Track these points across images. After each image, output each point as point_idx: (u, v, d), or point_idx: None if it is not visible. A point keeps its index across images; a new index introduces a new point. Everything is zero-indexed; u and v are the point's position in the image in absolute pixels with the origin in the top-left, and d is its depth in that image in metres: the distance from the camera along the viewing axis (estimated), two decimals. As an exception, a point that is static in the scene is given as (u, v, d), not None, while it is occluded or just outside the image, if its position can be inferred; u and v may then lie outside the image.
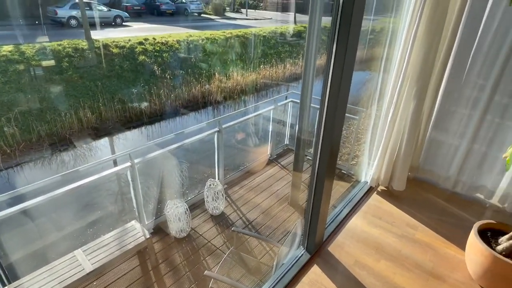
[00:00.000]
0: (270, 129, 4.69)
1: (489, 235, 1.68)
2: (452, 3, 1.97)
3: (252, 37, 12.28)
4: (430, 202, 2.40)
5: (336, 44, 1.23)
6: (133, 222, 2.71)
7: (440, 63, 2.18)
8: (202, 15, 18.58)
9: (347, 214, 2.19)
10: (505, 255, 1.54)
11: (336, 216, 2.16)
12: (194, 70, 9.92)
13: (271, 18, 19.09)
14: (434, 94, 2.31)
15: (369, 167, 2.49)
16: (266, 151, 4.74)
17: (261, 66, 10.94)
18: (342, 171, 4.36)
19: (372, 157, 2.45)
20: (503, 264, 1.50)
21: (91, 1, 11.89)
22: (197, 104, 9.10)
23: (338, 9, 1.18)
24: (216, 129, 3.65)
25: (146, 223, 2.99)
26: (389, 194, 2.43)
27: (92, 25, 10.75)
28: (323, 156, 1.50)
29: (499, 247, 1.57)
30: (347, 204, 2.28)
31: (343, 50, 1.22)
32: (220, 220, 3.35)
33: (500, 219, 1.74)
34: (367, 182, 2.49)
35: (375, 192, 2.46)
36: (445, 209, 2.34)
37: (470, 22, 2.07)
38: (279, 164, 4.56)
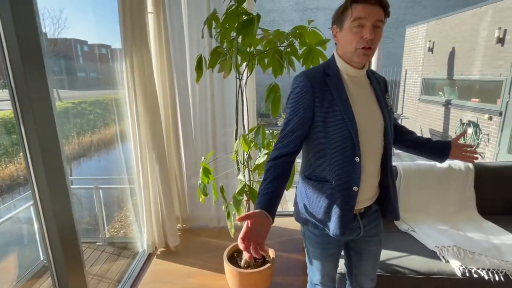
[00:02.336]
0: (37, 230, 3.84)
1: (235, 256, 2.09)
2: (161, 81, 2.45)
3: (2, 121, 9.94)
4: (204, 245, 2.70)
5: (23, 124, 1.20)
6: None
7: (172, 129, 2.62)
8: None
9: (126, 295, 2.08)
10: (246, 268, 1.95)
11: (114, 303, 1.99)
12: None
13: (28, 97, 16.36)
14: (177, 152, 2.73)
15: (142, 234, 2.52)
16: (38, 257, 3.79)
17: (21, 154, 8.97)
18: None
19: (141, 225, 2.51)
20: (246, 275, 1.90)
21: None
22: None
23: (12, 90, 1.17)
24: None
25: None
26: (169, 253, 2.55)
27: None
28: (55, 248, 1.37)
29: (242, 263, 1.98)
30: (126, 283, 2.17)
31: (34, 129, 1.21)
32: None
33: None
34: (145, 250, 2.50)
35: (155, 256, 2.50)
36: (217, 245, 2.70)
37: (183, 98, 2.65)
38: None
